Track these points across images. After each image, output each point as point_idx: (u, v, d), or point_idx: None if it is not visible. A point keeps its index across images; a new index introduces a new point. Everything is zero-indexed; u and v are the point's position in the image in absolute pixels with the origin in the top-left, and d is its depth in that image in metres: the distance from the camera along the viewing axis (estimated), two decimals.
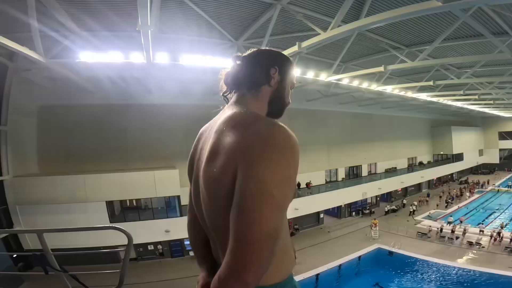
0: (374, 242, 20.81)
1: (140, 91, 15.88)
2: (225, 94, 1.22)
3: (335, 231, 24.03)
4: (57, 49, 10.23)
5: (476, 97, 21.60)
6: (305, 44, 8.94)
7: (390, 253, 19.15)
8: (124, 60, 10.48)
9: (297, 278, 10.61)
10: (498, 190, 35.91)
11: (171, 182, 15.92)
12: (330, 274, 16.85)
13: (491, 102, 25.58)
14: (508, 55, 8.45)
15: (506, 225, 22.20)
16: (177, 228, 15.72)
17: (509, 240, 18.78)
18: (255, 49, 1.19)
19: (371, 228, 22.32)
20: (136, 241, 10.82)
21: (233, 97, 1.17)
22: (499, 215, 26.36)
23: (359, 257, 18.76)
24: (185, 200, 17.15)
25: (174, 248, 18.37)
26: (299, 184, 22.75)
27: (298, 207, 20.43)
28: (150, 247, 17.67)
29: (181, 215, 16.29)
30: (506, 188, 36.02)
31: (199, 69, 11.94)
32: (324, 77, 13.75)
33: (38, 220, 13.85)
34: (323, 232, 23.77)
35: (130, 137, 17.68)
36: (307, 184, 23.12)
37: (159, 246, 17.86)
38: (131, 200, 17.48)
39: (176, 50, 10.88)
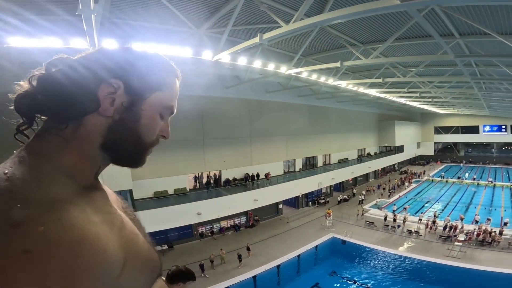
0: (329, 231, 21.68)
1: None
2: (20, 129, 0.65)
3: (293, 221, 24.68)
4: None
5: (417, 94, 24.24)
6: (267, 35, 8.68)
7: (343, 242, 20.14)
8: (64, 45, 9.14)
9: (259, 270, 10.36)
10: (432, 180, 40.55)
11: (122, 175, 14.61)
12: (290, 264, 17.24)
13: (430, 100, 28.90)
14: (451, 56, 9.30)
15: (439, 214, 24.61)
16: None
17: (442, 228, 20.69)
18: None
19: (326, 218, 23.27)
20: None
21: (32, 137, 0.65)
22: (433, 204, 29.18)
23: (316, 246, 19.44)
24: (138, 194, 16.05)
25: None
26: (258, 175, 22.79)
27: (257, 199, 20.54)
28: None
29: (135, 210, 15.07)
30: (439, 178, 40.82)
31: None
32: (285, 69, 13.80)
33: None
34: (282, 223, 24.28)
35: None
36: (266, 175, 23.29)
37: None
38: None
39: (131, 37, 9.89)
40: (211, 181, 21.48)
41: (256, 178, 22.71)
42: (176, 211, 16.37)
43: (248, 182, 21.95)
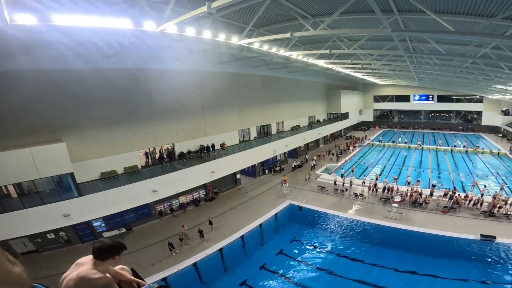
0: (286, 198, 22.76)
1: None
2: None
3: (252, 190, 25.52)
4: None
5: (360, 66, 26.23)
6: (215, 4, 8.12)
7: (300, 208, 21.21)
8: None
9: (224, 242, 11.62)
10: (372, 144, 45.19)
11: (58, 158, 13.16)
12: (253, 234, 17.79)
13: (370, 71, 31.53)
14: (389, 30, 10.06)
15: (379, 176, 27.26)
16: (78, 210, 13.77)
17: (381, 190, 23.03)
18: None
19: (282, 185, 24.44)
20: (26, 232, 8.72)
21: None
22: (373, 167, 32.24)
23: (276, 214, 20.24)
24: (81, 177, 14.81)
25: (81, 232, 16.28)
26: (213, 146, 22.65)
27: (214, 170, 20.51)
28: (51, 236, 15.29)
29: (81, 195, 14.01)
30: (377, 143, 45.63)
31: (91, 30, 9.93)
32: (236, 40, 13.40)
33: None
34: (241, 193, 24.95)
35: None
36: (222, 145, 23.19)
37: (62, 233, 15.55)
38: (6, 187, 13.63)
39: (51, 9, 8.39)
40: (165, 156, 20.68)
41: (211, 149, 22.46)
42: (129, 191, 15.54)
43: (203, 154, 21.58)
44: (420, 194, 21.27)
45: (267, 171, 31.25)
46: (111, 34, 12.48)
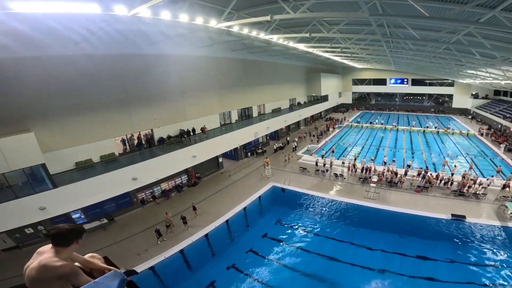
0: (269, 180, 23.00)
1: None
2: None
3: (235, 174, 25.59)
4: None
5: (339, 50, 26.46)
6: None
7: (283, 190, 21.44)
8: None
9: (209, 228, 11.90)
10: (351, 126, 46.62)
11: (27, 149, 12.40)
12: (238, 218, 17.88)
13: (349, 55, 31.99)
14: (366, 14, 10.12)
15: (357, 156, 28.24)
16: (55, 203, 13.23)
17: (360, 171, 23.75)
18: None
19: (265, 167, 24.68)
20: (1, 228, 8.35)
21: None
22: (352, 148, 33.21)
23: (259, 197, 20.41)
24: (54, 168, 14.16)
25: None
26: (194, 130, 22.28)
27: (196, 154, 20.22)
28: (29, 230, 14.81)
29: (55, 186, 13.43)
30: (356, 124, 47.14)
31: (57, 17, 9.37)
32: (215, 23, 12.92)
33: None
34: (224, 177, 24.95)
35: None
36: (202, 129, 22.85)
37: (40, 227, 15.04)
38: None
39: None
40: (143, 142, 20.09)
41: (192, 133, 22.06)
42: (107, 180, 15.03)
43: (184, 138, 21.15)
44: (396, 173, 22.13)
45: (249, 153, 31.46)
46: (79, 20, 11.55)
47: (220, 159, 26.95)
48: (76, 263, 2.30)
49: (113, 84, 17.23)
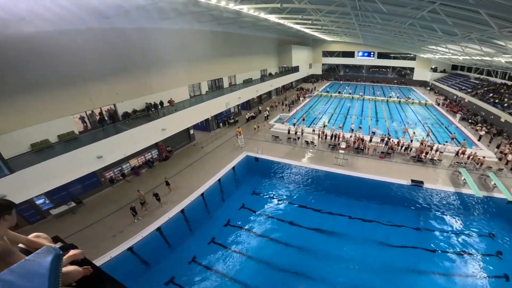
0: (242, 150, 22.79)
1: None
2: None
3: (207, 145, 25.05)
4: None
5: (310, 22, 26.16)
6: None
7: (256, 159, 21.45)
8: None
9: (184, 203, 11.44)
10: (321, 95, 47.86)
11: None
12: (213, 190, 17.56)
13: (320, 27, 31.86)
14: None
15: (327, 124, 29.10)
16: (13, 189, 11.72)
17: (329, 138, 24.57)
18: None
19: (237, 137, 24.29)
20: None
21: None
22: (322, 116, 34.35)
23: (233, 167, 20.16)
24: (8, 152, 12.45)
25: (25, 213, 14.38)
26: (161, 103, 21.00)
27: (165, 127, 19.31)
28: None
29: (12, 172, 11.84)
30: (325, 93, 48.41)
31: None
32: None
33: None
34: (196, 149, 24.32)
35: None
36: (170, 102, 21.61)
37: None
38: None
39: None
40: (106, 117, 18.37)
41: (160, 107, 20.74)
42: (69, 160, 13.56)
43: (151, 112, 19.81)
44: (362, 139, 23.11)
45: (221, 124, 30.92)
46: None
47: (192, 131, 26.05)
48: (20, 245, 2.18)
49: (67, 59, 15.08)
